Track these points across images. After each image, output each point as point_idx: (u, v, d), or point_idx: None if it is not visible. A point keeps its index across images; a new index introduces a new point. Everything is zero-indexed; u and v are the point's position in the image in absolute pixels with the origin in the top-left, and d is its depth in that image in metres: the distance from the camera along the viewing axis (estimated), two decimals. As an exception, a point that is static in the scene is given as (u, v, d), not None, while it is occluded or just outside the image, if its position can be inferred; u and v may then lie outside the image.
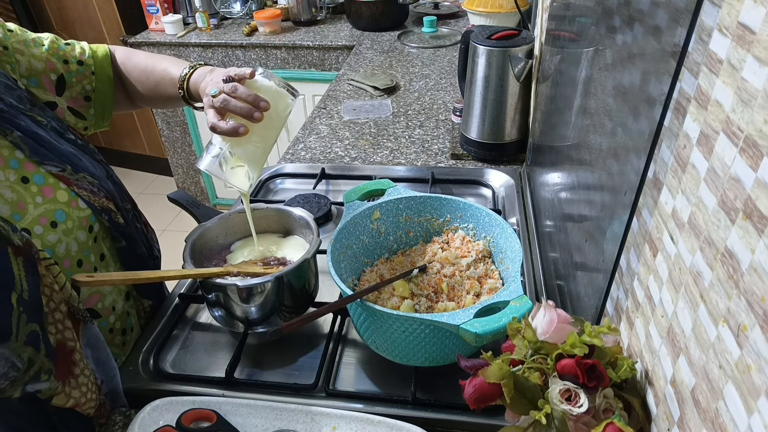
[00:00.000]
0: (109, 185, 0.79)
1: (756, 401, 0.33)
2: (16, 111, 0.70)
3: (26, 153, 0.69)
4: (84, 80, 0.87)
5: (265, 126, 0.76)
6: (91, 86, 0.88)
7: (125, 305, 0.83)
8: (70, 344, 0.65)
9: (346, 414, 0.69)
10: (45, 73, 0.82)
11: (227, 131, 0.74)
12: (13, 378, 0.60)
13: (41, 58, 0.81)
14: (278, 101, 0.78)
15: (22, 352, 0.60)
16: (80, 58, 0.87)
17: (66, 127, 0.79)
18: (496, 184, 1.16)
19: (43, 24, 3.03)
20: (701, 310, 0.40)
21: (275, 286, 0.78)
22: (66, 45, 0.87)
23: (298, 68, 2.34)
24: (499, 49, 1.14)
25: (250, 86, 0.78)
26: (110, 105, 0.92)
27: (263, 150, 0.79)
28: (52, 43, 0.84)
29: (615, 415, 0.49)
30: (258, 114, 0.74)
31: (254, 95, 0.75)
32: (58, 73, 0.84)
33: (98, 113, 0.91)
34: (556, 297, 0.83)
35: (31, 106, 0.74)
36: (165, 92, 0.92)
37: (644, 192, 0.52)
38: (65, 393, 0.65)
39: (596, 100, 0.67)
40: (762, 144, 0.33)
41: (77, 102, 0.87)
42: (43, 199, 0.69)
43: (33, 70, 0.80)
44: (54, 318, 0.64)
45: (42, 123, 0.74)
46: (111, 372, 0.75)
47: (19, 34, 0.81)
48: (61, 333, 0.64)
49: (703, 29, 0.41)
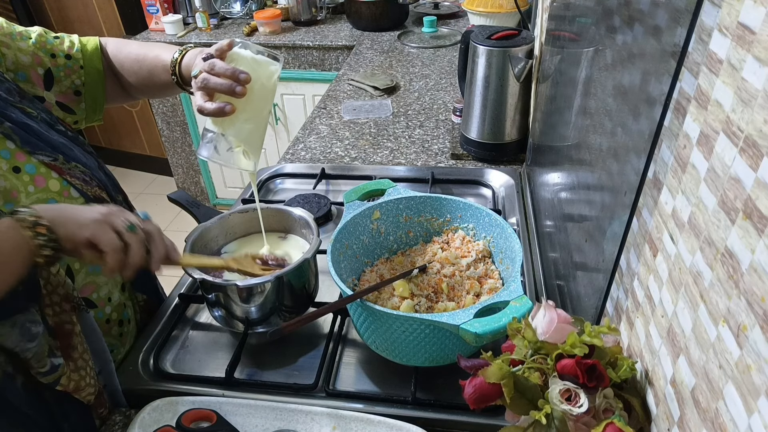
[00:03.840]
0: (101, 175, 0.80)
1: (756, 401, 0.33)
2: (5, 103, 0.70)
3: (17, 143, 0.69)
4: (73, 75, 0.86)
5: (251, 100, 0.73)
6: (80, 80, 0.87)
7: (121, 297, 0.82)
8: (67, 327, 0.66)
9: (346, 414, 0.69)
10: (32, 67, 0.81)
11: (213, 111, 0.71)
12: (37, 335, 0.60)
13: (28, 51, 0.80)
14: (259, 71, 0.73)
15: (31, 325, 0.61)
16: (68, 51, 0.86)
17: (56, 119, 0.79)
18: (496, 184, 1.16)
19: (43, 24, 3.02)
20: (701, 310, 0.40)
21: (275, 286, 0.78)
22: (55, 38, 0.86)
23: (298, 68, 2.34)
24: (499, 49, 1.14)
25: (230, 61, 0.74)
26: (101, 99, 0.91)
27: (256, 126, 0.75)
28: (40, 37, 0.83)
29: (615, 415, 0.49)
30: (240, 88, 0.71)
31: (232, 68, 0.72)
32: (45, 68, 0.82)
33: (89, 107, 0.90)
34: (556, 297, 0.83)
35: (20, 98, 0.74)
36: (159, 80, 0.89)
37: (644, 192, 0.52)
38: (67, 375, 0.66)
39: (596, 100, 0.67)
40: (762, 144, 0.33)
41: (67, 97, 0.86)
42: (35, 188, 0.69)
43: (20, 63, 0.79)
44: (51, 300, 0.65)
45: (32, 114, 0.74)
46: (107, 365, 0.75)
47: (5, 27, 0.79)
48: (58, 316, 0.65)
49: (703, 29, 0.41)
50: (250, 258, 0.82)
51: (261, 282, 0.77)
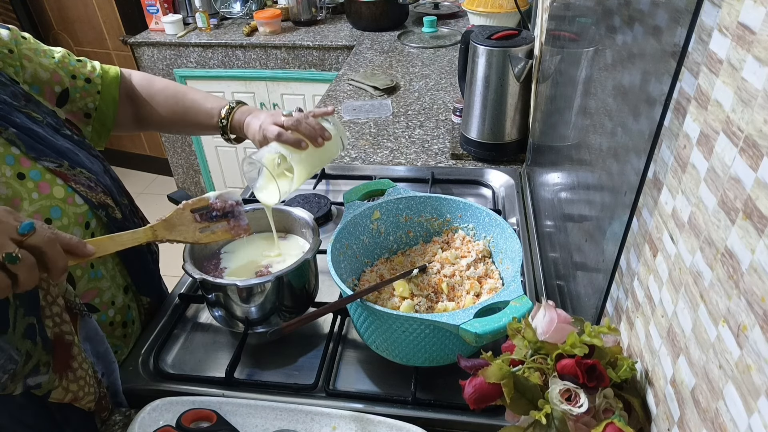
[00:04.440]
0: (107, 180, 0.80)
1: (756, 401, 0.33)
2: (10, 108, 0.70)
3: (22, 149, 0.69)
4: (88, 98, 0.88)
5: (315, 154, 0.86)
6: (93, 104, 0.89)
7: (125, 299, 0.83)
8: (68, 338, 0.66)
9: (346, 414, 0.69)
10: (49, 84, 0.82)
11: (294, 141, 0.83)
12: (12, 371, 0.60)
13: (49, 68, 0.82)
14: (332, 143, 0.89)
15: (20, 345, 0.60)
16: (89, 75, 0.88)
17: (61, 123, 0.79)
18: (496, 184, 1.16)
19: (43, 24, 3.03)
20: (701, 310, 0.40)
21: (275, 286, 0.78)
22: (77, 61, 0.88)
23: (298, 68, 2.34)
24: (499, 49, 1.14)
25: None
26: (110, 125, 0.92)
27: (311, 168, 0.87)
28: (63, 58, 0.85)
29: (615, 415, 0.49)
30: (321, 140, 0.86)
31: (322, 126, 0.87)
32: (64, 86, 0.84)
33: (96, 131, 0.91)
34: (556, 297, 0.83)
35: (26, 102, 0.74)
36: (194, 119, 0.97)
37: (644, 192, 0.52)
38: (63, 387, 0.65)
39: (596, 100, 0.67)
40: (762, 144, 0.33)
41: (76, 116, 0.87)
42: (39, 195, 0.69)
43: (37, 78, 0.80)
44: (51, 311, 0.64)
45: (37, 119, 0.74)
46: (110, 366, 0.75)
47: (32, 43, 0.81)
48: (58, 326, 0.65)
49: (703, 29, 0.41)
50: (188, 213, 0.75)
51: (261, 282, 0.77)
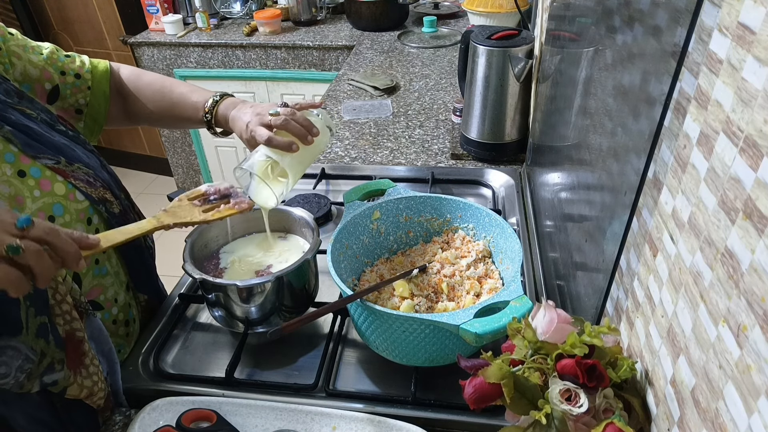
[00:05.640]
0: (105, 175, 0.80)
1: (756, 401, 0.33)
2: (5, 105, 0.70)
3: (19, 147, 0.69)
4: (78, 94, 0.88)
5: (305, 152, 0.84)
6: (84, 100, 0.89)
7: (126, 296, 0.83)
8: (78, 335, 0.66)
9: (346, 414, 0.69)
10: (39, 81, 0.82)
11: (284, 145, 0.80)
12: (29, 370, 0.61)
13: (38, 65, 0.81)
14: (321, 136, 0.86)
15: (34, 344, 0.61)
16: (78, 71, 0.87)
17: (56, 119, 0.79)
18: (496, 184, 1.16)
19: (43, 24, 3.03)
20: (701, 310, 0.40)
21: (275, 286, 0.78)
22: (66, 57, 0.87)
23: (298, 68, 2.34)
24: (499, 49, 1.14)
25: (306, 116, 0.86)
26: (102, 120, 0.92)
27: (302, 167, 0.85)
28: (52, 54, 0.85)
29: (615, 415, 0.49)
30: (310, 138, 0.83)
31: (309, 122, 0.84)
32: (54, 83, 0.84)
33: (88, 127, 0.91)
34: (556, 297, 0.83)
35: (19, 99, 0.74)
36: (181, 114, 0.96)
37: (644, 192, 0.52)
38: (78, 383, 0.66)
39: (596, 100, 0.67)
40: (762, 144, 0.33)
41: (68, 113, 0.87)
42: (41, 192, 0.69)
43: (27, 75, 0.80)
44: (61, 309, 0.65)
45: (32, 116, 0.73)
46: (113, 366, 0.75)
47: (20, 39, 0.81)
48: (69, 324, 0.65)
49: (703, 29, 0.41)
50: (186, 202, 0.77)
51: (261, 282, 0.77)
